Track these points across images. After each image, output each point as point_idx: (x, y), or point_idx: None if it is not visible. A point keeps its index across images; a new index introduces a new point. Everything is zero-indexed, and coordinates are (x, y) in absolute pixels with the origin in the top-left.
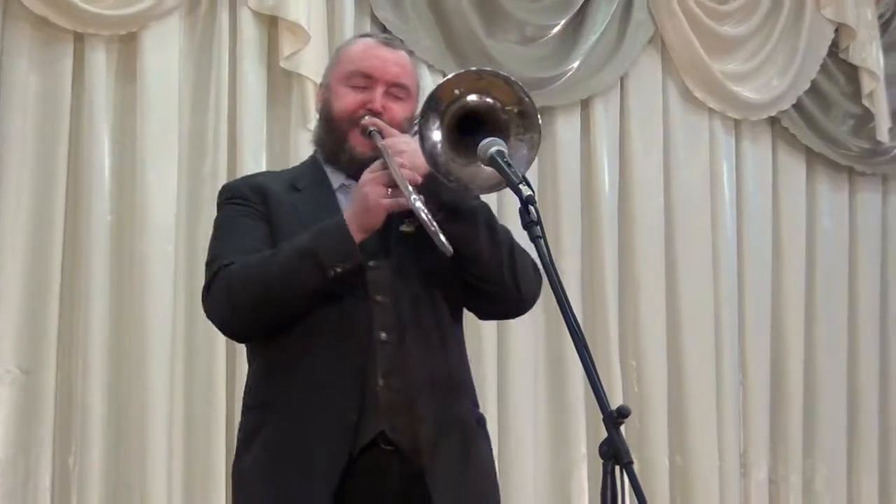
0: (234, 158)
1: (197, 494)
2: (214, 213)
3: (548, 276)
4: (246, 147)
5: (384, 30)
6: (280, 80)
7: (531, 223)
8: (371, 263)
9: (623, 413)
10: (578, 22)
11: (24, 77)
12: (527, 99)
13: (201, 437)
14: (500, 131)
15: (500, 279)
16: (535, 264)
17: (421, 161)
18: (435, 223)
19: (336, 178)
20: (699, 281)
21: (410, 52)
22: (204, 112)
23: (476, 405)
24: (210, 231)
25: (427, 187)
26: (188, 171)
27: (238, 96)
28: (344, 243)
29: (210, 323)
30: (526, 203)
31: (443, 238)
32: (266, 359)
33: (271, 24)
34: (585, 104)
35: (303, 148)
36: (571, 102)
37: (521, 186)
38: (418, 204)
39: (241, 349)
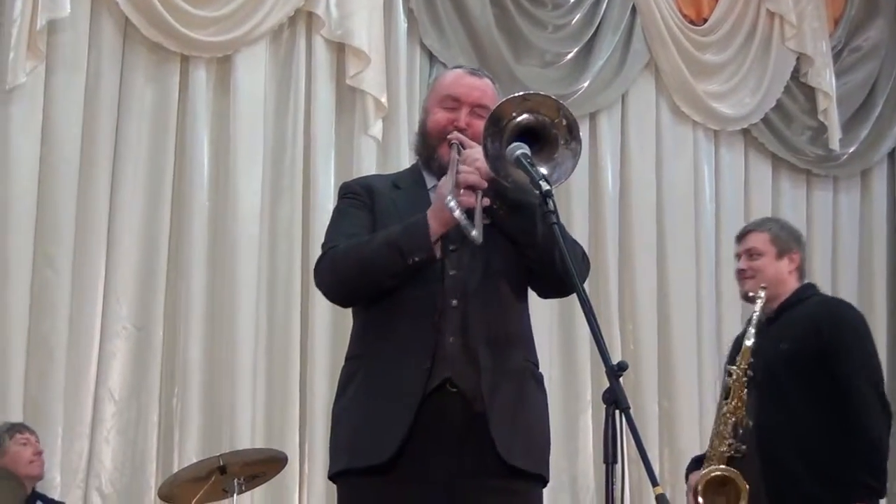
0: (308, 158)
1: (275, 431)
2: (292, 202)
3: (561, 254)
4: (318, 148)
5: (430, 55)
6: (346, 95)
7: (549, 212)
8: (451, 247)
9: (622, 367)
10: (587, 50)
11: (141, 90)
12: (570, 115)
13: (279, 384)
14: (550, 143)
15: (551, 263)
16: (584, 253)
17: (487, 167)
18: (465, 219)
19: (430, 180)
20: (684, 260)
21: (493, 80)
22: (284, 120)
23: (535, 364)
24: (288, 216)
25: (494, 188)
26: (271, 167)
27: (312, 107)
28: (423, 238)
29: (288, 291)
30: (544, 196)
31: (472, 232)
32: (362, 320)
33: (339, 49)
34: (593, 117)
35: (364, 149)
36: (581, 115)
37: (540, 182)
38: (452, 203)
39: (312, 316)
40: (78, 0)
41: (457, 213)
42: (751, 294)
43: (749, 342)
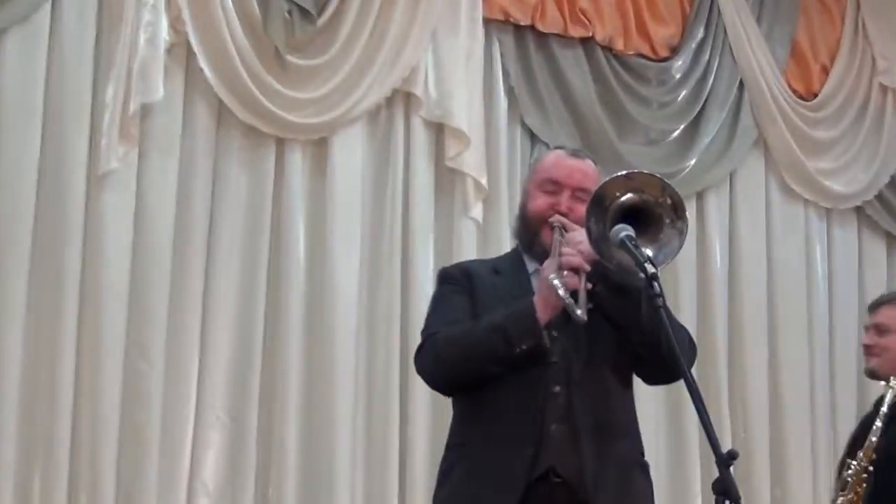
0: (406, 241)
1: None
2: (390, 286)
3: (667, 339)
4: (417, 231)
5: (532, 134)
6: (445, 176)
7: (654, 295)
8: (554, 333)
9: (733, 456)
10: (694, 127)
11: (236, 175)
12: (675, 194)
13: (378, 473)
14: (655, 223)
15: (657, 348)
16: (690, 338)
17: (590, 250)
18: (569, 298)
19: (531, 265)
20: (797, 343)
21: (595, 161)
22: (382, 202)
23: (641, 453)
24: (386, 300)
25: (597, 271)
26: (369, 251)
27: (410, 189)
28: (531, 323)
29: (387, 377)
30: (650, 279)
31: (577, 311)
32: (463, 407)
33: (438, 129)
34: (700, 195)
35: (464, 232)
36: (688, 194)
37: (645, 265)
38: (556, 282)
39: (412, 402)
40: (171, 83)
41: (561, 292)
42: (875, 372)
43: (874, 438)
